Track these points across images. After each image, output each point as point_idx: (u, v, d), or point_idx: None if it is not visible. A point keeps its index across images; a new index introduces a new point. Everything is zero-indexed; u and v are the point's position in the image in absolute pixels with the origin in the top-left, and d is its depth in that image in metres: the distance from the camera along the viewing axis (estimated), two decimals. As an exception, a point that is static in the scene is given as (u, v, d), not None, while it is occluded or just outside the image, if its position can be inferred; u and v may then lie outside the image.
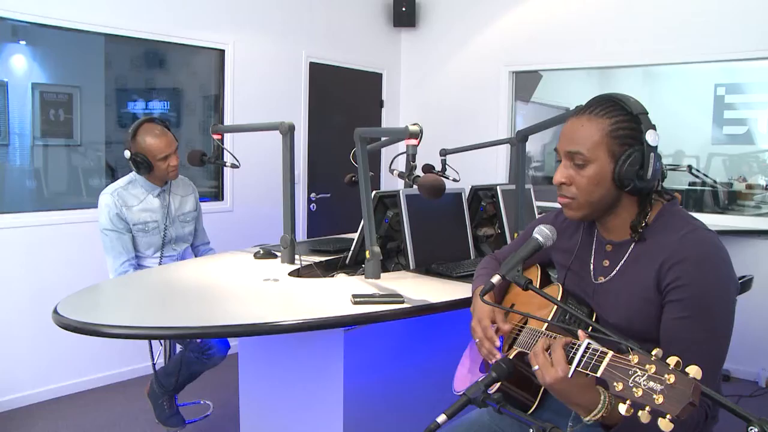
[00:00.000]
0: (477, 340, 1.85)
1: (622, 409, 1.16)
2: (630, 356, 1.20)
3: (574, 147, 1.62)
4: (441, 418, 1.39)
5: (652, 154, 1.57)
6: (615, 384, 1.19)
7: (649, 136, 1.57)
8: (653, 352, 1.17)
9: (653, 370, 1.14)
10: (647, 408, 1.12)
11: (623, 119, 1.59)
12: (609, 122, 1.59)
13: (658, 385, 1.12)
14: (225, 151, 3.55)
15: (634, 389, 1.15)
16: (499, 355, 1.79)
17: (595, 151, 1.59)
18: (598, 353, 1.29)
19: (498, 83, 6.09)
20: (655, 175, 1.59)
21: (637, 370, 1.17)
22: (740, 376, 4.79)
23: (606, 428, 1.44)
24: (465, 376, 2.03)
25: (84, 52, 4.53)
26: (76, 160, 4.58)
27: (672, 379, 1.11)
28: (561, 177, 1.66)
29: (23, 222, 4.05)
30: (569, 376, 1.34)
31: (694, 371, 1.12)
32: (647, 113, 1.61)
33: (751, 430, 1.12)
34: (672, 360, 1.14)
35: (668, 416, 1.09)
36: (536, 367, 1.40)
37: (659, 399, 1.11)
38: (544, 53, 5.78)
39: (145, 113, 4.81)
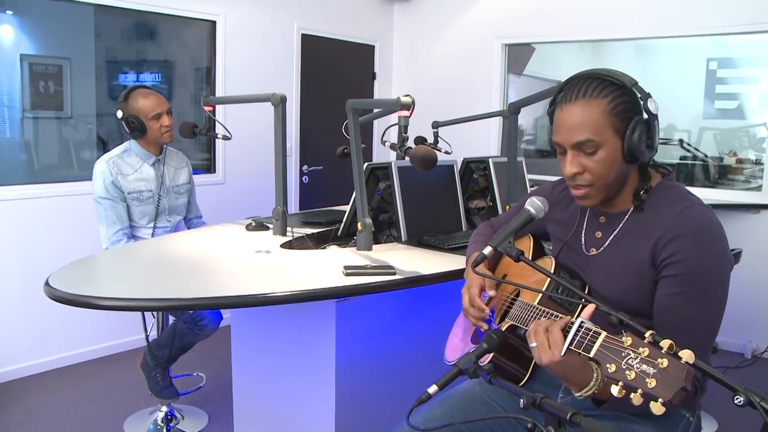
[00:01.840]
0: (464, 306, 1.86)
1: (615, 390, 1.16)
2: (623, 338, 1.20)
3: (582, 136, 1.56)
4: (432, 389, 1.40)
5: (656, 122, 1.57)
6: (608, 365, 1.19)
7: (651, 105, 1.56)
8: (646, 334, 1.17)
9: (646, 353, 1.14)
10: (639, 391, 1.13)
11: (618, 94, 1.56)
12: (606, 101, 1.55)
13: (651, 369, 1.12)
14: (216, 123, 3.53)
15: (627, 372, 1.15)
16: (485, 326, 1.81)
17: (603, 133, 1.55)
18: (591, 333, 1.29)
19: (490, 56, 6.05)
20: (658, 141, 1.59)
21: (630, 352, 1.17)
22: (727, 348, 4.86)
23: (597, 402, 1.45)
24: (456, 346, 2.04)
25: (73, 23, 4.48)
26: (67, 132, 4.54)
27: (665, 363, 1.11)
28: (573, 168, 1.59)
29: (14, 195, 4.03)
30: (562, 354, 1.35)
31: (686, 355, 1.11)
32: (638, 83, 1.59)
33: (737, 399, 1.14)
34: (665, 343, 1.14)
35: (660, 400, 1.10)
36: (534, 345, 1.41)
37: (652, 383, 1.11)
38: (536, 26, 5.75)
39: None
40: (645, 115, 1.57)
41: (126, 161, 3.32)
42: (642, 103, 1.57)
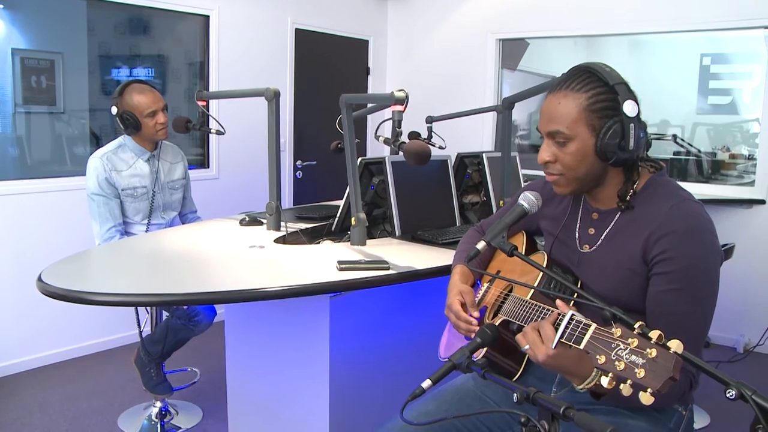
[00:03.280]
0: (453, 323, 1.87)
1: (605, 381, 1.17)
2: (613, 329, 1.20)
3: (554, 126, 1.59)
4: (426, 384, 1.40)
5: (631, 125, 1.54)
6: (598, 357, 1.20)
7: (627, 107, 1.54)
8: (636, 325, 1.18)
9: (635, 343, 1.15)
10: (629, 381, 1.13)
11: (600, 91, 1.56)
12: (585, 96, 1.56)
13: (640, 359, 1.13)
14: (210, 118, 3.52)
15: (617, 362, 1.16)
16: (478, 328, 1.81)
17: (575, 127, 1.57)
18: (581, 325, 1.30)
19: (485, 51, 6.05)
20: (638, 144, 1.57)
21: (620, 343, 1.18)
22: (720, 343, 4.88)
23: (596, 396, 1.46)
24: (451, 343, 2.05)
25: (66, 17, 4.46)
26: (60, 127, 4.52)
27: (654, 353, 1.12)
28: (545, 155, 1.64)
29: (7, 190, 4.01)
30: (552, 347, 1.35)
31: (675, 345, 1.12)
32: (624, 83, 1.58)
33: (729, 392, 1.14)
34: (654, 334, 1.14)
35: (649, 390, 1.11)
36: (526, 347, 1.41)
37: (641, 373, 1.12)
38: (530, 21, 5.75)
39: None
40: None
41: (120, 157, 3.30)
42: (622, 101, 1.55)
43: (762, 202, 4.77)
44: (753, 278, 4.74)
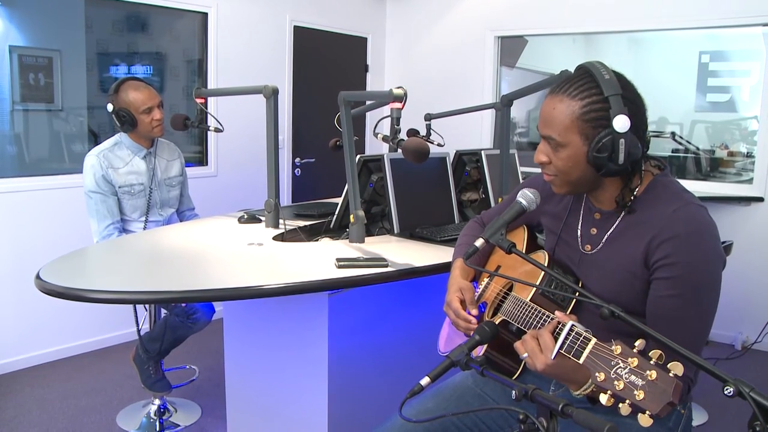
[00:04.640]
0: (452, 321, 1.86)
1: (603, 399, 1.16)
2: (613, 346, 1.20)
3: (547, 132, 1.58)
4: (425, 381, 1.40)
5: (622, 140, 1.50)
6: (597, 374, 1.19)
7: (617, 123, 1.49)
8: (636, 344, 1.17)
9: (635, 363, 1.14)
10: (627, 401, 1.13)
11: (596, 100, 1.52)
12: (580, 105, 1.53)
13: (640, 380, 1.12)
14: (208, 116, 3.52)
15: (616, 381, 1.15)
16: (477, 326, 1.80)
17: (567, 135, 1.55)
18: (581, 338, 1.29)
19: (483, 48, 6.05)
20: (632, 155, 1.52)
21: (620, 361, 1.17)
22: (718, 340, 4.88)
23: (592, 401, 1.45)
24: (451, 337, 2.04)
25: (63, 14, 4.45)
26: (58, 125, 4.51)
27: (654, 375, 1.11)
28: (541, 156, 1.63)
29: (4, 188, 4.00)
30: (552, 357, 1.35)
31: (675, 368, 1.11)
32: (620, 93, 1.51)
33: (727, 390, 1.14)
34: (654, 354, 1.14)
35: (648, 412, 1.10)
36: (525, 355, 1.41)
37: (640, 395, 1.11)
38: (529, 18, 5.75)
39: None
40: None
41: (117, 154, 3.30)
42: (613, 116, 1.50)
43: (760, 199, 4.78)
44: (751, 276, 4.74)
